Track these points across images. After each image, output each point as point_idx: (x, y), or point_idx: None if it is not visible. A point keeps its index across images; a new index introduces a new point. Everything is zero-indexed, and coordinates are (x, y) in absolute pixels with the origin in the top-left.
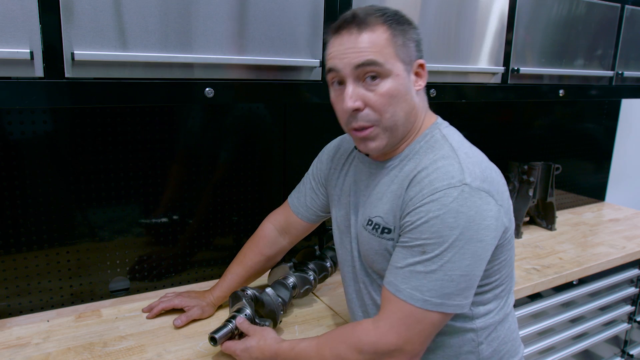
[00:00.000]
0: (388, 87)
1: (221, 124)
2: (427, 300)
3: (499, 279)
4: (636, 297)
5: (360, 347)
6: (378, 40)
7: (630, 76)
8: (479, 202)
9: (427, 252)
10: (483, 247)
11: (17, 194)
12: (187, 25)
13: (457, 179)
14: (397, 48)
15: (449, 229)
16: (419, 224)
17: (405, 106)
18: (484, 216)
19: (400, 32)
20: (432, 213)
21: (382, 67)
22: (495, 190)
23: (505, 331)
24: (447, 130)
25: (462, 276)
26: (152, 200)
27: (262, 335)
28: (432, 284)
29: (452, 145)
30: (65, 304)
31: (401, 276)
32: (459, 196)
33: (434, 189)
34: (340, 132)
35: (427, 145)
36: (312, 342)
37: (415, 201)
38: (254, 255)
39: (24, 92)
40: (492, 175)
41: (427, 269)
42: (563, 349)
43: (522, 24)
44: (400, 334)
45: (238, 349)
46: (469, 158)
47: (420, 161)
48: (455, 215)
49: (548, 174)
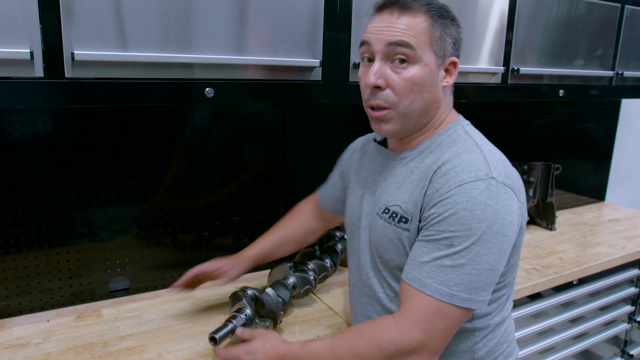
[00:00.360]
0: (413, 74)
1: (221, 124)
2: (455, 295)
3: (504, 282)
4: (636, 297)
5: (381, 344)
6: (416, 26)
7: (630, 76)
8: (504, 197)
9: (454, 245)
10: (507, 242)
11: (17, 194)
12: (187, 25)
13: (484, 172)
14: (434, 39)
15: (477, 222)
16: (446, 216)
17: (426, 97)
18: (509, 211)
19: (440, 25)
20: (460, 205)
21: (413, 51)
22: (517, 188)
23: (502, 333)
24: (469, 127)
25: (489, 270)
26: (152, 200)
27: (267, 337)
28: (460, 277)
29: (475, 140)
30: (65, 304)
31: (426, 271)
32: (487, 189)
33: (461, 180)
34: (340, 131)
35: (449, 139)
36: (325, 341)
37: (441, 192)
38: (290, 222)
39: (24, 92)
40: (514, 174)
41: (454, 262)
42: (563, 349)
43: (522, 24)
44: (425, 330)
45: (242, 352)
46: (492, 154)
47: (442, 154)
48: (484, 208)
49: (548, 174)
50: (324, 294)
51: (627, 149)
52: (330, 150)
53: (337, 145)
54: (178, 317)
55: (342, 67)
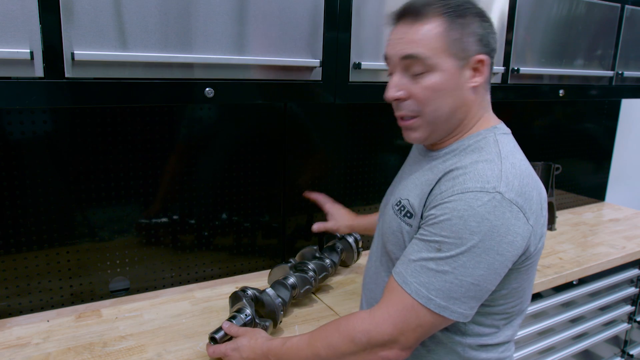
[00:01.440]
0: (433, 82)
1: (221, 124)
2: (432, 299)
3: (503, 308)
4: (636, 297)
5: (353, 336)
6: (428, 34)
7: (630, 76)
8: (507, 215)
9: (442, 251)
10: (501, 262)
11: (17, 194)
12: (187, 25)
13: (491, 185)
14: (450, 42)
15: (469, 233)
16: (441, 220)
17: (451, 102)
18: (509, 230)
19: (459, 26)
20: (457, 212)
21: (424, 61)
22: (529, 208)
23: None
24: (502, 137)
25: (472, 284)
26: (152, 200)
27: (252, 334)
28: (441, 284)
29: (500, 151)
30: (65, 304)
31: (412, 269)
32: (489, 202)
33: (465, 188)
34: (340, 131)
35: (477, 145)
36: (303, 336)
37: (444, 195)
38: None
39: (24, 92)
40: (532, 194)
41: (439, 267)
42: (563, 349)
43: (522, 24)
44: (397, 325)
45: (229, 348)
46: (513, 169)
47: (462, 158)
48: (480, 221)
49: (548, 174)
50: (324, 294)
51: (627, 149)
52: (330, 151)
53: (337, 145)
54: (178, 317)
55: (342, 67)
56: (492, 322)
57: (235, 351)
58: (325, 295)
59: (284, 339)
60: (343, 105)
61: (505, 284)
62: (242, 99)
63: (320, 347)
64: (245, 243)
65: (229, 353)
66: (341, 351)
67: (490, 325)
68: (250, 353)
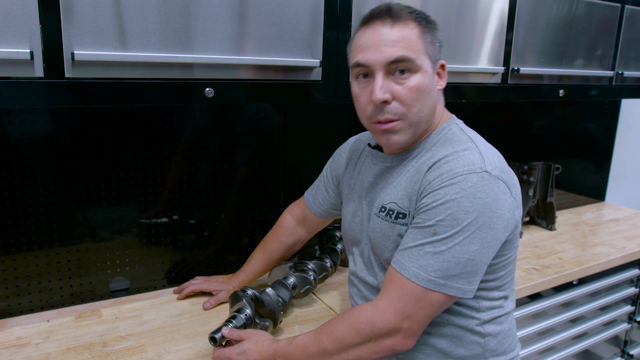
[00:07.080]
0: (417, 82)
1: (221, 123)
2: (432, 280)
3: (504, 276)
4: (636, 297)
5: (357, 327)
6: (410, 35)
7: (630, 76)
8: (496, 190)
9: (438, 234)
10: (493, 235)
11: (17, 194)
12: (187, 25)
13: (477, 166)
14: (426, 45)
15: (464, 213)
16: (434, 205)
17: (430, 103)
18: (499, 205)
19: (429, 30)
20: (450, 196)
21: (413, 63)
22: (511, 182)
23: (507, 325)
24: (463, 126)
25: (468, 260)
26: (152, 200)
27: (257, 337)
28: (439, 264)
29: (471, 137)
30: (65, 304)
31: (409, 255)
32: (478, 182)
33: (454, 173)
34: (340, 131)
35: (445, 138)
36: (309, 334)
37: (433, 184)
38: (273, 243)
39: (24, 92)
40: (508, 169)
41: (435, 249)
42: (563, 349)
43: (522, 24)
44: (399, 311)
45: (234, 352)
46: (487, 149)
47: (437, 151)
48: (472, 200)
49: (548, 174)
50: (324, 294)
51: (627, 149)
52: (330, 151)
53: (337, 145)
54: (178, 317)
55: (342, 67)
56: (499, 292)
57: (242, 355)
58: (325, 295)
59: (289, 339)
60: (343, 105)
61: (503, 254)
62: (242, 99)
63: (327, 341)
64: (245, 243)
65: (235, 357)
66: (347, 343)
67: (498, 293)
68: (257, 356)
